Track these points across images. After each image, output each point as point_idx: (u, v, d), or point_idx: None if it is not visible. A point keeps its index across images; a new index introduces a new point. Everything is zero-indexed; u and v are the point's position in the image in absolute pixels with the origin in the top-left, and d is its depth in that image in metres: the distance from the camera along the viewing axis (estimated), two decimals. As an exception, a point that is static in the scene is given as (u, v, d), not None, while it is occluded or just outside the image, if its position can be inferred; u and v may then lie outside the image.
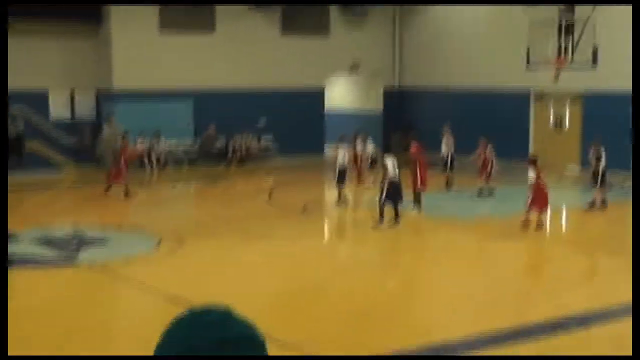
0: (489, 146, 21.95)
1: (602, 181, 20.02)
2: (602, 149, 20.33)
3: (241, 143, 29.26)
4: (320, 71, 31.57)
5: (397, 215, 17.63)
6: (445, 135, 23.34)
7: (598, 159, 20.22)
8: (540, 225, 17.46)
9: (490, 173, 21.84)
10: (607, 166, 20.24)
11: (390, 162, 17.73)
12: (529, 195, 17.45)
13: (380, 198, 17.68)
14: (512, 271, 14.34)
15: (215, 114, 28.68)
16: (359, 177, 24.26)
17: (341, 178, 20.60)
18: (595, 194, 20.10)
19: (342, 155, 20.97)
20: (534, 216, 17.40)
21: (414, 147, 20.01)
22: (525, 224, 17.35)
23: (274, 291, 12.98)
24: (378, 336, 10.54)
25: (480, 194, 21.74)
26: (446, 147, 23.12)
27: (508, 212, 20.34)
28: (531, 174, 17.65)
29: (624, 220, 20.23)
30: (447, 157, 23.00)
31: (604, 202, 20.00)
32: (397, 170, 17.66)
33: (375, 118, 33.68)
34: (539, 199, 17.37)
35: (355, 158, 24.85)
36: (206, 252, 15.55)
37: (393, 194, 17.48)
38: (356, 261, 15.15)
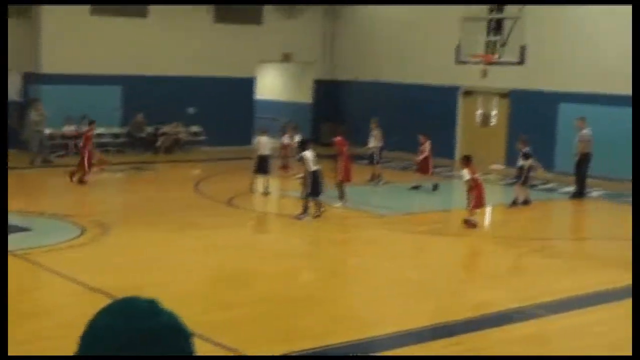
0: (429, 141, 22.12)
1: (526, 179, 20.36)
2: (528, 147, 20.66)
3: (170, 131, 29.02)
4: (252, 60, 31.47)
5: (319, 206, 17.71)
6: (373, 129, 23.47)
7: (525, 156, 20.52)
8: (472, 224, 17.43)
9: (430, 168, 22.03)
10: (531, 164, 20.58)
11: (309, 154, 17.76)
12: (468, 195, 17.55)
13: (303, 190, 17.75)
14: (434, 267, 14.50)
15: (144, 100, 28.38)
16: (285, 167, 24.41)
17: (262, 167, 20.71)
18: (518, 191, 20.43)
19: (264, 144, 21.04)
20: (474, 214, 17.50)
21: (338, 139, 20.17)
22: (470, 223, 17.34)
23: (199, 280, 12.93)
24: (301, 327, 10.58)
25: (434, 188, 21.87)
26: (374, 141, 23.27)
27: (436, 208, 20.61)
28: (465, 173, 17.72)
29: (547, 218, 20.67)
30: (376, 151, 23.14)
31: (526, 201, 20.33)
32: (316, 161, 17.73)
33: (305, 109, 33.74)
34: (477, 198, 17.50)
35: (283, 148, 25.00)
36: (132, 241, 15.41)
37: (314, 185, 17.54)
38: (280, 253, 15.15)
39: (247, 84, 31.38)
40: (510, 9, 23.93)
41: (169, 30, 29.13)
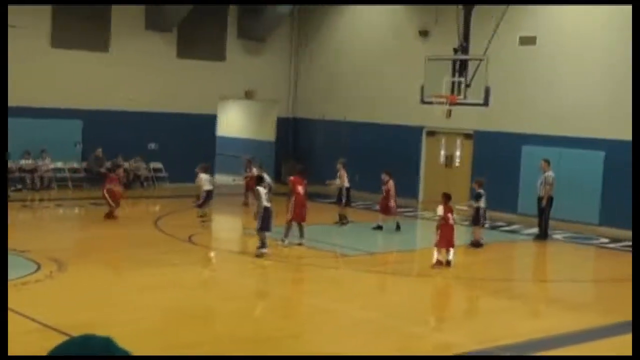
0: (391, 180, 22.20)
1: (478, 220, 20.40)
2: (482, 190, 20.73)
3: (130, 167, 28.87)
4: (214, 96, 31.49)
5: (263, 244, 17.84)
6: (340, 169, 23.47)
7: (476, 197, 20.68)
8: (439, 263, 17.54)
9: (393, 207, 22.11)
10: (486, 205, 20.67)
11: (262, 190, 18.01)
12: (437, 233, 17.67)
13: (257, 226, 17.87)
14: (395, 308, 14.48)
15: (105, 135, 28.24)
16: (247, 204, 24.77)
17: (206, 202, 22.22)
18: (475, 232, 20.56)
19: (206, 181, 22.39)
20: (443, 254, 17.59)
21: (292, 178, 20.28)
22: (437, 263, 17.49)
23: (157, 318, 12.80)
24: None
25: (397, 227, 21.95)
26: (340, 180, 23.26)
27: (398, 248, 20.65)
28: (439, 209, 17.87)
29: (510, 260, 20.77)
30: (343, 191, 23.11)
31: (478, 243, 20.35)
32: (268, 198, 18.02)
33: (267, 146, 33.76)
34: (446, 237, 17.57)
35: (247, 184, 25.07)
36: (88, 278, 15.23)
37: (266, 221, 17.72)
38: (239, 292, 15.06)
39: (209, 121, 31.36)
40: (476, 48, 24.19)
41: (130, 65, 29.09)
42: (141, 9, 29.23)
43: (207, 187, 22.21)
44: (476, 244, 20.23)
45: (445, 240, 17.56)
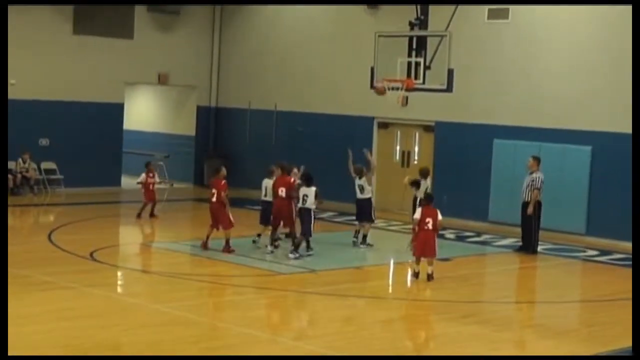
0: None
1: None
2: (425, 179, 21.59)
3: (16, 168, 28.40)
4: (120, 82, 31.17)
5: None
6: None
7: (416, 185, 21.40)
8: (414, 275, 18.26)
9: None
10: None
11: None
12: (413, 241, 18.41)
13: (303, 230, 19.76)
14: (349, 336, 14.44)
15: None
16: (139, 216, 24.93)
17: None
18: None
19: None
20: (423, 265, 18.18)
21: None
22: (415, 274, 18.24)
23: (50, 351, 12.57)
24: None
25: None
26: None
27: (344, 265, 20.59)
28: (416, 215, 18.32)
29: (481, 277, 20.84)
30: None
31: None
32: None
33: (186, 141, 33.54)
34: (420, 245, 18.14)
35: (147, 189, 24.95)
36: (-36, 306, 14.90)
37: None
38: (151, 320, 14.88)
39: (113, 111, 31.04)
40: (436, 24, 24.26)
41: (12, 42, 28.52)
42: (28, -26, 28.80)
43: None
44: None
45: (419, 248, 18.15)
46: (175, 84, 32.95)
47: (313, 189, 20.13)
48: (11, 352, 12.08)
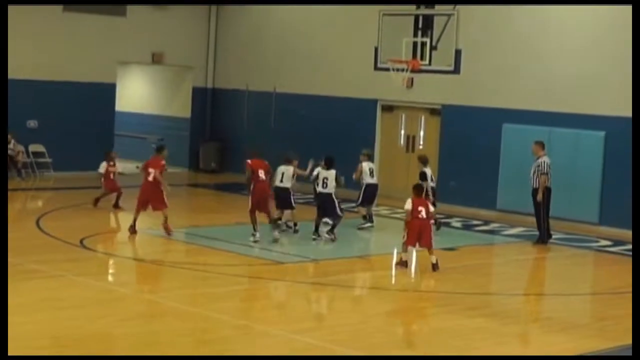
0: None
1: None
2: (427, 168, 21.93)
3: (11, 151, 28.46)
4: (112, 61, 31.18)
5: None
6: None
7: (422, 177, 21.63)
8: (402, 264, 18.42)
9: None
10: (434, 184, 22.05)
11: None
12: (404, 230, 18.42)
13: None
14: (346, 330, 14.50)
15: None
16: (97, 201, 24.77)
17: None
18: None
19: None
20: (405, 251, 18.37)
21: (251, 161, 20.73)
22: (401, 263, 18.38)
23: (34, 346, 12.63)
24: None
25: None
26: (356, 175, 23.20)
27: (345, 254, 20.64)
28: (407, 202, 18.40)
29: (489, 267, 20.89)
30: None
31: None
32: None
33: (181, 124, 33.58)
34: (414, 234, 18.20)
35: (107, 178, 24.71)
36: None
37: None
38: (146, 311, 14.94)
39: (105, 92, 31.05)
40: (443, 4, 24.27)
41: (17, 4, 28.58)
42: (16, -52, 28.80)
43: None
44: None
45: (414, 237, 18.14)
46: (170, 63, 32.95)
47: (333, 172, 20.71)
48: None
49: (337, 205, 20.84)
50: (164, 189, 20.68)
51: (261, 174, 20.60)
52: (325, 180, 20.72)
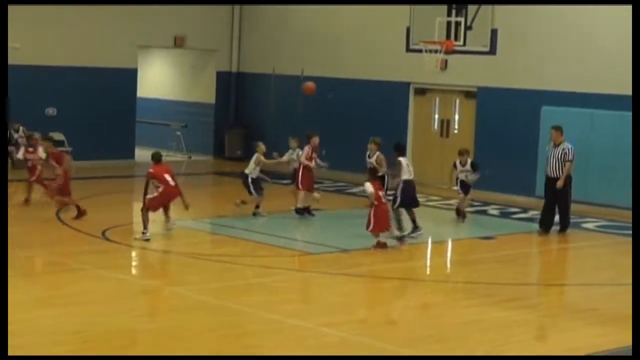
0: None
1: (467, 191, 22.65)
2: (468, 157, 22.71)
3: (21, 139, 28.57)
4: (133, 45, 31.28)
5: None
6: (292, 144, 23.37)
7: (475, 169, 22.54)
8: (381, 245, 19.16)
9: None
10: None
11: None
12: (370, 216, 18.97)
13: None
14: (373, 324, 14.58)
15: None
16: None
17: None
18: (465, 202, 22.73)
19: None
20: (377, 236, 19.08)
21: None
22: (379, 245, 19.17)
23: (60, 347, 12.76)
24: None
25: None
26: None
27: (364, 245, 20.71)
28: (369, 188, 18.99)
29: (524, 258, 20.91)
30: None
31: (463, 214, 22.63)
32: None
33: (205, 110, 33.67)
34: (381, 221, 19.01)
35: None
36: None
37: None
38: (172, 305, 15.06)
39: (126, 77, 31.18)
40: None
41: (16, 4, 28.73)
42: None
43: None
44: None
45: (380, 224, 18.98)
46: (192, 47, 33.03)
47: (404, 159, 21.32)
48: (17, 339, 12.30)
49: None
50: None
51: (168, 178, 19.98)
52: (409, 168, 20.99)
